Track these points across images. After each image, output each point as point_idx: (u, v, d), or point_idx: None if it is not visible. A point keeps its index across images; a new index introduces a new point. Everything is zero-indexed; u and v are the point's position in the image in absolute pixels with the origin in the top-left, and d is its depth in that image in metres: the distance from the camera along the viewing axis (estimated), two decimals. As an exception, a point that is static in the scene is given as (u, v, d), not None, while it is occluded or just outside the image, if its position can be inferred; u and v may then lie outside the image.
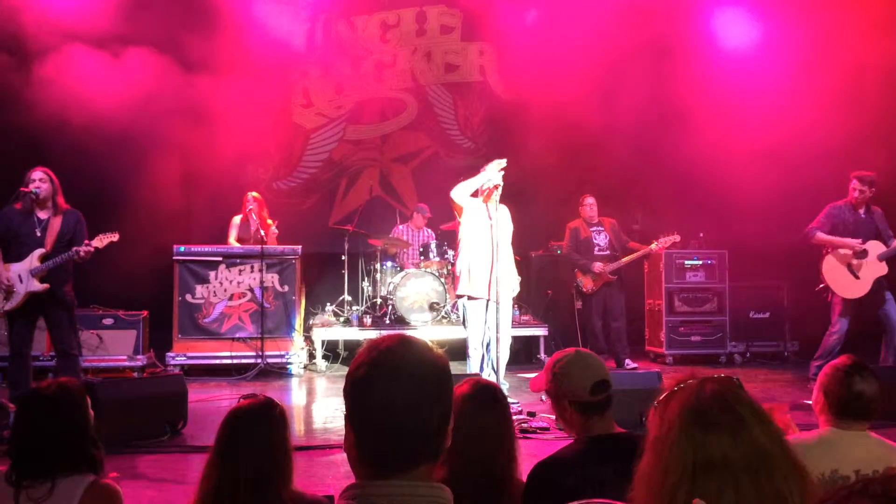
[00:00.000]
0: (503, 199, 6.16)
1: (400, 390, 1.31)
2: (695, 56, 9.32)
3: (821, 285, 6.90)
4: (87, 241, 5.79)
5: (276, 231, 8.45)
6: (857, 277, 6.74)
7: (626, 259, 8.23)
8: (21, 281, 5.68)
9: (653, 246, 8.19)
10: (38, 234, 5.76)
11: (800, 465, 1.28)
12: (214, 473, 2.11)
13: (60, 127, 7.96)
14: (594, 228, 8.37)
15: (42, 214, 5.80)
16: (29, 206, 5.77)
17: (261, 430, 2.17)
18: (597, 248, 8.32)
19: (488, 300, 6.09)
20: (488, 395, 2.31)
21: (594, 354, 2.49)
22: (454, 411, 1.66)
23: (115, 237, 5.91)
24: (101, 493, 2.26)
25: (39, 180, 5.74)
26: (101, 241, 5.83)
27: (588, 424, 2.32)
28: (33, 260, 5.70)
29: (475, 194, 6.28)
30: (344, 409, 1.37)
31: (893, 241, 6.76)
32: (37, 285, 5.70)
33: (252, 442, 2.14)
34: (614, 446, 2.21)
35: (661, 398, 1.37)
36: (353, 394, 1.35)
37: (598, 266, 8.16)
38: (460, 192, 6.20)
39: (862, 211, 6.82)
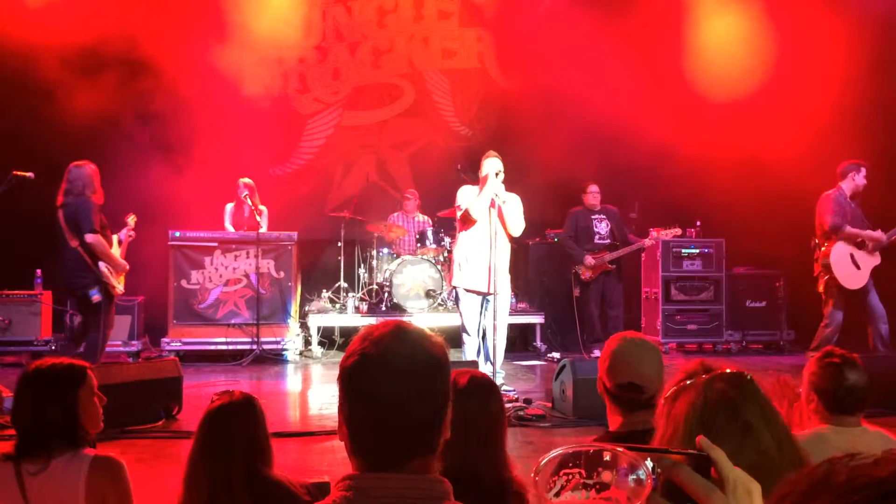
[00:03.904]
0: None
1: (389, 385, 1.25)
2: (693, 42, 9.27)
3: (825, 276, 6.78)
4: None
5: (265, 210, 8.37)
6: (858, 268, 6.69)
7: (623, 250, 8.19)
8: None
9: (646, 241, 8.13)
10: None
11: (806, 464, 1.24)
12: (206, 471, 2.16)
13: (54, 113, 7.89)
14: (595, 216, 8.33)
15: None
16: None
17: (247, 423, 2.27)
18: (597, 237, 8.28)
19: (486, 293, 5.94)
20: (481, 388, 2.22)
21: (650, 348, 2.28)
22: None
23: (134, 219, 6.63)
24: (106, 465, 2.24)
25: None
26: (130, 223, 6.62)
27: (611, 417, 2.21)
28: (116, 245, 6.24)
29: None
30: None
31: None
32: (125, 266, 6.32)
33: (242, 436, 2.23)
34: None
35: (669, 394, 1.32)
36: (343, 385, 1.30)
37: (589, 259, 8.12)
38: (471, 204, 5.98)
39: (850, 200, 6.79)
